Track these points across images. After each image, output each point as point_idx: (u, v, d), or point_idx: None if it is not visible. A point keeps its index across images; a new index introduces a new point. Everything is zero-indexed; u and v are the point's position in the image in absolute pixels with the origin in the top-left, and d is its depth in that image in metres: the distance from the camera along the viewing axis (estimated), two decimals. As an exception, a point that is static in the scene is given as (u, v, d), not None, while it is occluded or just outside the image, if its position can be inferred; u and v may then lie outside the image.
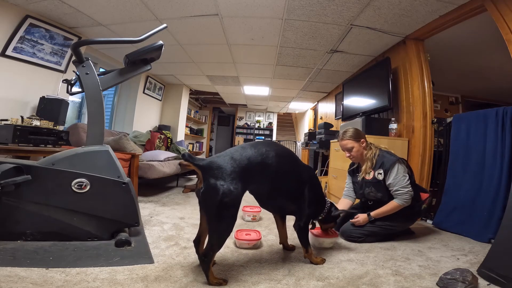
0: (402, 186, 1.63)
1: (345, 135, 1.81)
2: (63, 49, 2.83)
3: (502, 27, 1.71)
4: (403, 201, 1.63)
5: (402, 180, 1.64)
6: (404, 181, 1.64)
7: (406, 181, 1.64)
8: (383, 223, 1.69)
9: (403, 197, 1.63)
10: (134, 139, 3.81)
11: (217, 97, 6.79)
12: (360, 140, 1.77)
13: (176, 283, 1.06)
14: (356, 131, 1.81)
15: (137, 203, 1.56)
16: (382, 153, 1.75)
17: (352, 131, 1.81)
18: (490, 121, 1.89)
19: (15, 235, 1.31)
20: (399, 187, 1.63)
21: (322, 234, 1.58)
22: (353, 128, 1.86)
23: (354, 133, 1.79)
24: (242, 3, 2.26)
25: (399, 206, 1.63)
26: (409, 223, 1.81)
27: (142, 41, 1.55)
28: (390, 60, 2.70)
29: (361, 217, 1.70)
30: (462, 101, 4.42)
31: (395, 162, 1.67)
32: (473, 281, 1.11)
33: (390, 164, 1.67)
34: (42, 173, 1.33)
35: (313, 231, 1.58)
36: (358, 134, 1.80)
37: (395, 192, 1.65)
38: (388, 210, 1.65)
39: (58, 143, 2.15)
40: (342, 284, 1.13)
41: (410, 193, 1.63)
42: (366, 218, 1.69)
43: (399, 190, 1.63)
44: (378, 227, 1.69)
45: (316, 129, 4.96)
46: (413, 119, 2.48)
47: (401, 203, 1.63)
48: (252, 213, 2.10)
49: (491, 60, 2.96)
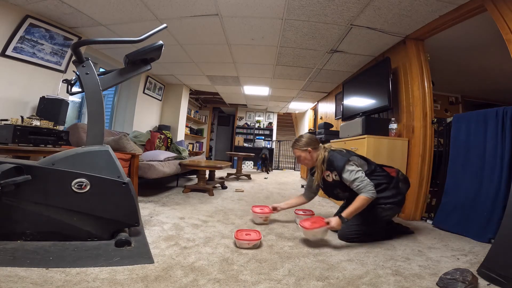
0: (359, 180, 1.65)
1: (293, 144, 1.94)
2: (63, 49, 2.83)
3: (502, 27, 1.71)
4: (368, 193, 1.61)
5: (356, 175, 1.66)
6: (359, 176, 1.66)
7: (361, 174, 1.67)
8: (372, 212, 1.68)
9: (366, 189, 1.62)
10: (134, 139, 3.81)
11: (217, 97, 6.79)
12: (307, 149, 1.86)
13: (176, 283, 1.06)
14: (304, 141, 1.89)
15: (137, 203, 1.56)
16: (331, 156, 1.79)
17: (299, 141, 1.91)
18: (490, 121, 1.89)
19: (15, 235, 1.31)
20: (357, 183, 1.65)
21: (312, 225, 1.59)
22: (304, 137, 1.93)
23: (301, 142, 1.90)
24: (242, 3, 2.26)
25: (367, 199, 1.60)
26: (398, 205, 1.77)
27: (142, 41, 1.55)
28: (390, 60, 2.70)
29: (333, 221, 1.61)
30: (462, 101, 4.42)
31: (344, 164, 1.70)
32: (473, 281, 1.11)
33: (340, 167, 1.71)
34: (42, 173, 1.33)
35: (304, 225, 1.60)
36: (305, 143, 1.88)
37: (356, 189, 1.66)
38: (359, 206, 1.60)
39: (58, 143, 2.15)
40: (342, 284, 1.13)
41: (370, 184, 1.64)
42: (338, 221, 1.60)
43: (359, 185, 1.65)
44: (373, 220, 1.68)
45: (316, 129, 4.97)
46: (413, 119, 2.48)
47: (368, 196, 1.60)
48: (263, 215, 2.03)
49: (491, 60, 2.96)
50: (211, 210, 2.34)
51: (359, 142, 2.55)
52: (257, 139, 8.35)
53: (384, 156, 2.39)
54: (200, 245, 1.49)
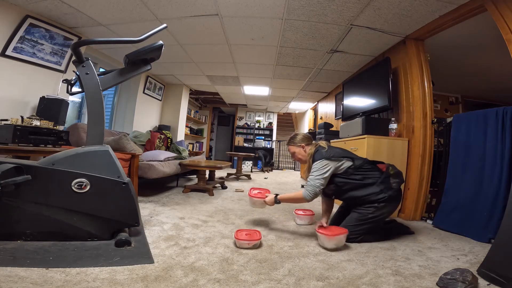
0: (313, 177, 1.67)
1: (289, 141, 1.97)
2: (63, 49, 2.83)
3: (502, 27, 1.71)
4: (306, 192, 1.66)
5: (315, 172, 1.68)
6: (316, 173, 1.67)
7: (320, 174, 1.66)
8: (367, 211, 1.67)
9: (308, 187, 1.66)
10: (134, 139, 3.81)
11: (217, 97, 6.79)
12: (301, 145, 1.89)
13: (176, 283, 1.06)
14: (299, 138, 1.92)
15: (137, 203, 1.56)
16: (315, 152, 1.80)
17: (294, 138, 1.93)
18: (490, 121, 1.89)
19: (15, 235, 1.31)
20: (309, 177, 1.70)
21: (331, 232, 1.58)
22: (299, 135, 1.95)
23: (296, 139, 1.92)
24: (242, 3, 2.26)
25: (301, 196, 1.67)
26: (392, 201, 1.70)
27: (142, 41, 1.55)
28: (390, 60, 2.70)
29: (268, 197, 1.84)
30: (462, 101, 4.42)
31: (320, 159, 1.71)
32: (473, 281, 1.11)
33: (315, 161, 1.74)
34: (42, 173, 1.33)
35: (323, 231, 1.58)
36: (300, 140, 1.91)
37: (306, 183, 1.70)
38: (292, 197, 1.75)
39: (58, 143, 2.15)
40: (342, 284, 1.13)
41: (315, 187, 1.65)
42: (272, 199, 1.82)
43: (308, 180, 1.69)
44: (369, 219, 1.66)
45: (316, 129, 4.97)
46: (413, 119, 2.48)
47: (304, 194, 1.66)
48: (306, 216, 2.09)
49: (491, 60, 2.96)
50: (211, 210, 2.34)
51: (359, 142, 2.55)
52: (257, 139, 8.35)
53: (384, 156, 2.39)
54: (200, 245, 1.49)
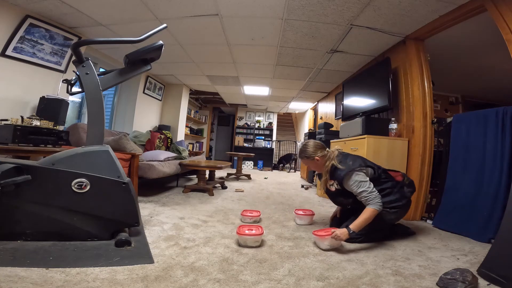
0: (367, 193, 1.61)
1: (300, 154, 1.90)
2: (63, 49, 2.83)
3: (502, 27, 1.71)
4: (376, 205, 1.58)
5: (363, 187, 1.62)
6: (367, 188, 1.62)
7: (368, 186, 1.63)
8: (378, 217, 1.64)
9: (374, 201, 1.59)
10: (134, 139, 3.81)
11: (217, 97, 6.79)
12: (314, 158, 1.80)
13: (176, 283, 1.06)
14: (310, 150, 1.81)
15: (137, 203, 1.56)
16: (334, 165, 1.74)
17: (305, 151, 1.83)
18: (490, 121, 1.89)
19: (15, 235, 1.31)
20: (364, 195, 1.61)
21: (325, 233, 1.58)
22: (309, 146, 1.84)
23: (307, 152, 1.82)
24: (242, 3, 2.26)
25: (375, 211, 1.57)
26: (403, 208, 1.73)
27: (142, 41, 1.55)
28: (390, 60, 2.70)
29: (340, 233, 1.53)
30: (462, 101, 4.42)
31: (346, 175, 1.67)
32: (473, 281, 1.11)
33: (341, 177, 1.69)
34: (42, 173, 1.33)
35: (316, 233, 1.58)
36: (312, 152, 1.81)
37: (363, 200, 1.62)
38: (367, 218, 1.56)
39: (58, 143, 2.15)
40: (342, 284, 1.13)
41: (378, 196, 1.61)
42: (345, 232, 1.54)
43: (365, 196, 1.61)
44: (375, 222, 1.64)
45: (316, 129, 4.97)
46: (413, 119, 2.48)
47: (376, 208, 1.57)
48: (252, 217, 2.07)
49: (491, 60, 2.96)
50: (211, 210, 2.34)
51: (359, 142, 2.55)
52: (257, 139, 8.35)
53: (384, 156, 2.39)
54: (200, 245, 1.49)
